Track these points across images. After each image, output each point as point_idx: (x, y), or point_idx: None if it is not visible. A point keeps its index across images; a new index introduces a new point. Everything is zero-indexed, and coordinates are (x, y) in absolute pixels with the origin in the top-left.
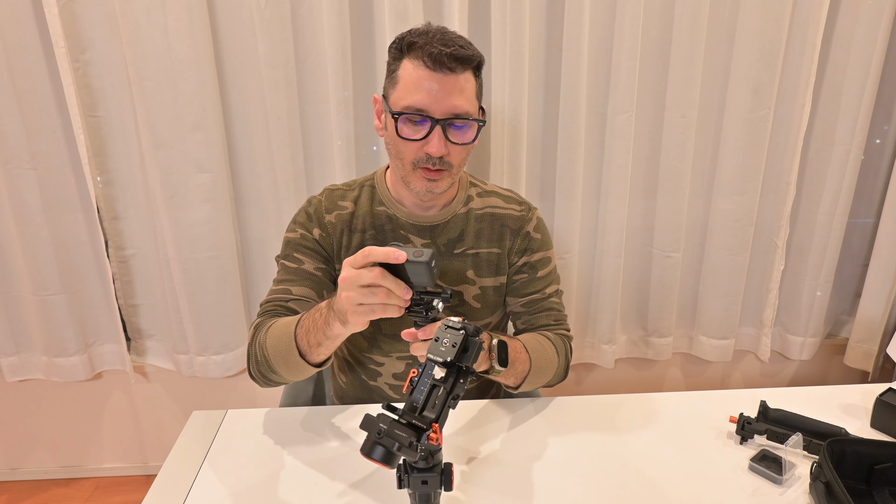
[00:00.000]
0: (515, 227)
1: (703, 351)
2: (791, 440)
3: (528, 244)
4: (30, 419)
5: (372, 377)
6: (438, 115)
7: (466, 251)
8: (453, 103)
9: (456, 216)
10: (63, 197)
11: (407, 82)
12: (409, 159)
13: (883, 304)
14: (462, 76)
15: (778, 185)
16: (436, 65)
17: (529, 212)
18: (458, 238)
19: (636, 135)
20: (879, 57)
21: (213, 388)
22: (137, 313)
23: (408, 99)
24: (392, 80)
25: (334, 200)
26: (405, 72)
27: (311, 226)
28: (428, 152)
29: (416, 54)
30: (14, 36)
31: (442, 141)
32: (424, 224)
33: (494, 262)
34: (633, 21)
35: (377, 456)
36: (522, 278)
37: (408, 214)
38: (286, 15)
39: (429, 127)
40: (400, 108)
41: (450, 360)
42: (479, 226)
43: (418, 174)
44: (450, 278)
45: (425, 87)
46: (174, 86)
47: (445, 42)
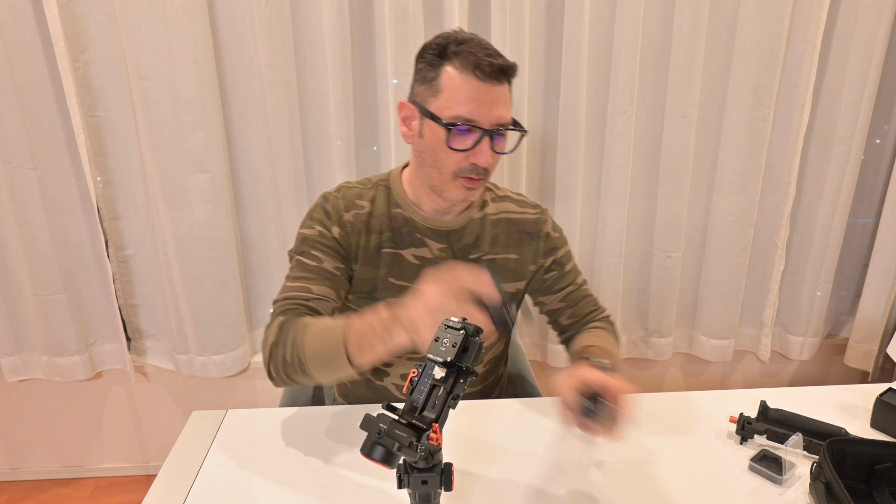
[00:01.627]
0: (533, 231)
1: (703, 351)
2: (791, 440)
3: (551, 244)
4: (30, 419)
5: (379, 377)
6: (487, 126)
7: (482, 257)
8: (499, 113)
9: (472, 221)
10: (63, 197)
11: (454, 91)
12: (450, 169)
13: (883, 304)
14: (506, 86)
15: (778, 185)
16: (485, 75)
17: (543, 213)
18: (473, 244)
19: (636, 135)
20: (879, 57)
21: (213, 388)
22: (137, 313)
23: (457, 109)
24: (432, 87)
25: (351, 199)
26: (450, 80)
27: (330, 224)
28: (476, 162)
29: (461, 63)
30: (14, 36)
31: (490, 151)
32: (441, 229)
33: (512, 269)
34: (633, 21)
35: (377, 456)
36: (553, 276)
37: (425, 218)
38: (286, 15)
39: (476, 137)
40: (449, 118)
41: (450, 360)
42: (495, 231)
43: (458, 183)
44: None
45: (476, 98)
46: (174, 86)
47: (490, 52)
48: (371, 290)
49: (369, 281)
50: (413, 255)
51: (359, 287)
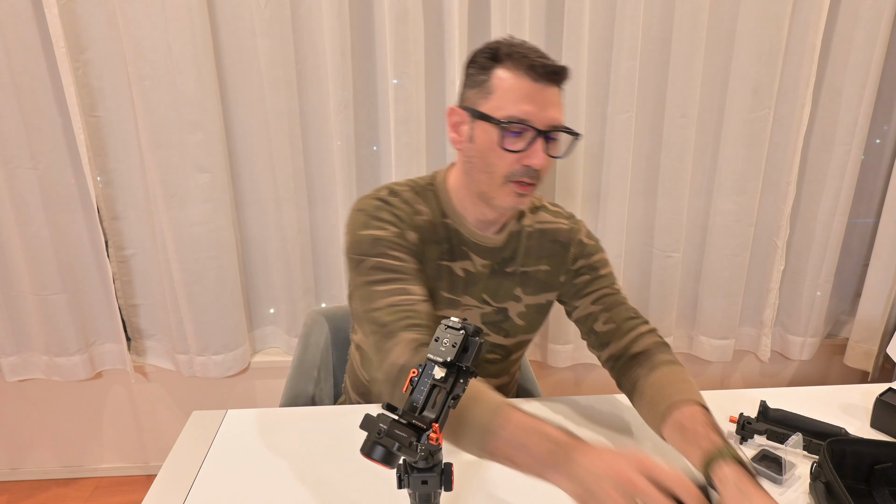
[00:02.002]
0: (566, 241)
1: (703, 351)
2: (791, 440)
3: (582, 249)
4: (30, 419)
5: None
6: (541, 127)
7: (517, 269)
8: (553, 115)
9: (511, 235)
10: (63, 197)
11: (507, 92)
12: (502, 172)
13: (883, 304)
14: (558, 89)
15: (778, 184)
16: (539, 75)
17: (577, 223)
18: (510, 257)
19: (636, 135)
20: (879, 57)
21: (213, 388)
22: (137, 313)
23: (510, 109)
24: (483, 90)
25: (412, 203)
26: (503, 81)
27: (404, 227)
28: (529, 164)
29: (515, 64)
30: (14, 36)
31: (545, 153)
32: (487, 245)
33: (543, 280)
34: (633, 21)
35: (377, 456)
36: (584, 279)
37: (471, 232)
38: (286, 15)
39: (530, 138)
40: (504, 118)
41: (450, 360)
42: (529, 243)
43: (508, 189)
44: (499, 296)
45: (529, 98)
46: (174, 86)
47: (541, 54)
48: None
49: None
50: (461, 268)
51: None
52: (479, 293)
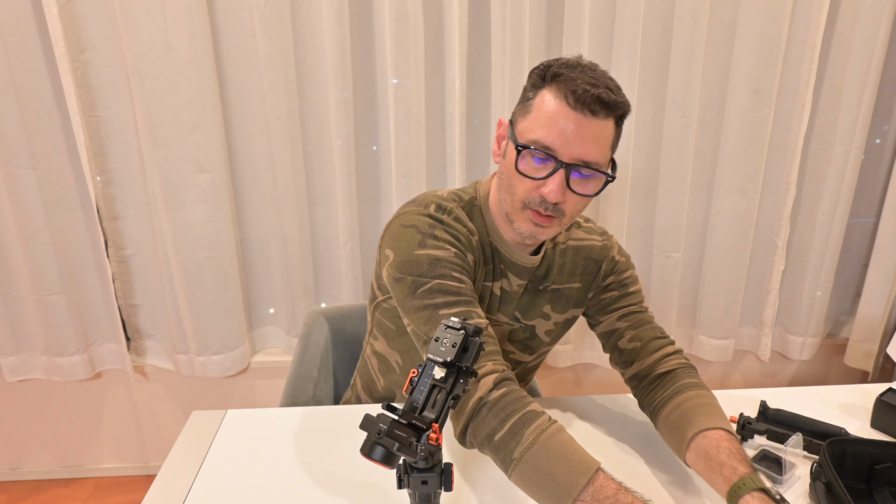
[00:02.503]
0: (599, 258)
1: (703, 351)
2: (791, 440)
3: (613, 266)
4: (30, 419)
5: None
6: (565, 158)
7: (549, 287)
8: (586, 149)
9: (546, 253)
10: (63, 197)
11: (541, 114)
12: (519, 197)
13: (883, 304)
14: (603, 122)
15: (778, 184)
16: (578, 103)
17: (609, 239)
18: (545, 275)
19: (636, 135)
20: (879, 57)
21: (213, 388)
22: (137, 313)
23: (538, 132)
24: (525, 107)
25: (464, 222)
26: (542, 102)
27: (463, 248)
28: (543, 195)
29: (559, 87)
30: (14, 36)
31: (562, 186)
32: (524, 265)
33: (573, 297)
34: (633, 21)
35: (377, 456)
36: (612, 294)
37: (510, 251)
38: (286, 15)
39: (552, 168)
40: (526, 141)
41: (450, 360)
42: (563, 260)
43: (526, 215)
44: (530, 314)
45: (560, 125)
46: (174, 86)
47: (594, 81)
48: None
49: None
50: (498, 288)
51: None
52: (511, 311)
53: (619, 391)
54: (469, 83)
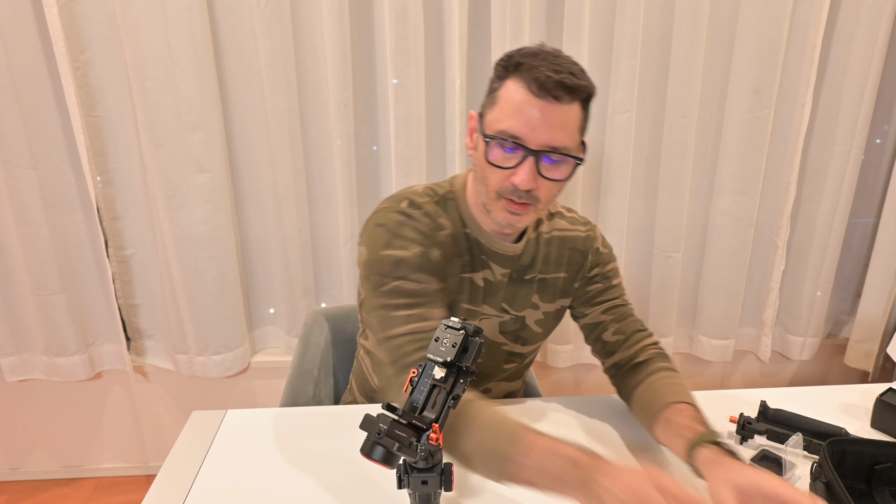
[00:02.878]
0: (584, 249)
1: (703, 351)
2: (791, 440)
3: (598, 258)
4: (30, 419)
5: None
6: (533, 146)
7: (534, 277)
8: (552, 135)
9: (529, 242)
10: (63, 197)
11: (506, 105)
12: (493, 187)
13: (883, 304)
14: (568, 107)
15: (778, 185)
16: (541, 90)
17: (594, 230)
18: (529, 265)
19: (636, 135)
20: (880, 57)
21: (213, 388)
22: (137, 313)
23: (504, 123)
24: (491, 99)
25: (434, 217)
26: (506, 93)
27: (428, 244)
28: (515, 183)
29: (521, 76)
30: (14, 36)
31: (532, 174)
32: (506, 254)
33: (559, 287)
34: (633, 21)
35: (377, 456)
36: (597, 287)
37: (490, 241)
38: (286, 15)
39: (521, 156)
40: (494, 132)
41: (450, 360)
42: (547, 250)
43: (501, 204)
44: (517, 304)
45: (525, 114)
46: (174, 86)
47: (557, 67)
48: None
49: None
50: (481, 279)
51: None
52: (498, 302)
53: None
54: (469, 83)
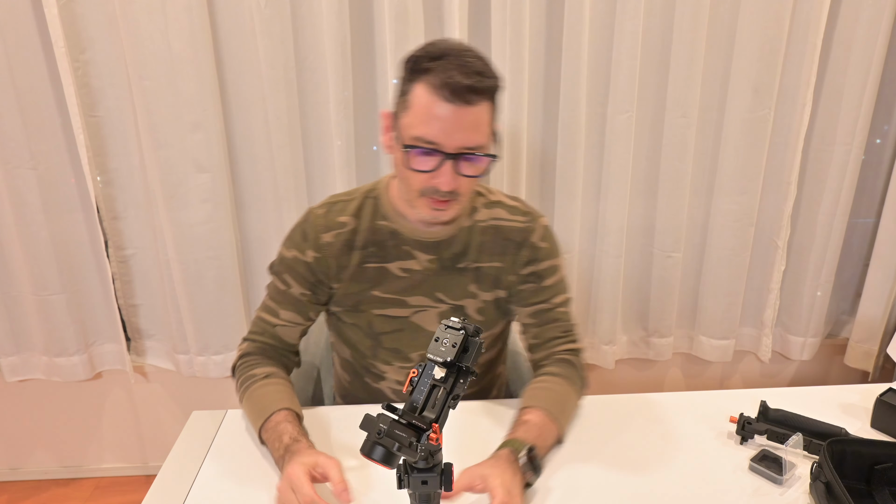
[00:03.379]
0: (520, 240)
1: (703, 351)
2: (791, 440)
3: (533, 254)
4: (30, 419)
5: (375, 381)
6: (450, 150)
7: (469, 266)
8: (467, 137)
9: (461, 230)
10: (63, 197)
11: (419, 110)
12: (415, 188)
13: (883, 304)
14: (478, 107)
15: (778, 185)
16: (452, 96)
17: (534, 221)
18: (461, 252)
19: (636, 135)
20: (880, 57)
21: (213, 388)
22: (137, 313)
23: (419, 129)
24: (404, 102)
25: (333, 216)
26: (418, 98)
27: (305, 247)
28: (436, 186)
29: (430, 81)
30: (14, 36)
31: (452, 175)
32: (430, 240)
33: (494, 276)
34: (633, 21)
35: (377, 456)
36: (529, 287)
37: (412, 230)
38: (286, 15)
39: (439, 160)
40: (411, 138)
41: (450, 360)
42: (483, 238)
43: (424, 202)
44: (453, 293)
45: (439, 119)
46: (174, 86)
47: (465, 70)
48: (356, 304)
49: (354, 295)
50: (399, 268)
51: (343, 301)
52: (430, 291)
53: (619, 391)
54: None
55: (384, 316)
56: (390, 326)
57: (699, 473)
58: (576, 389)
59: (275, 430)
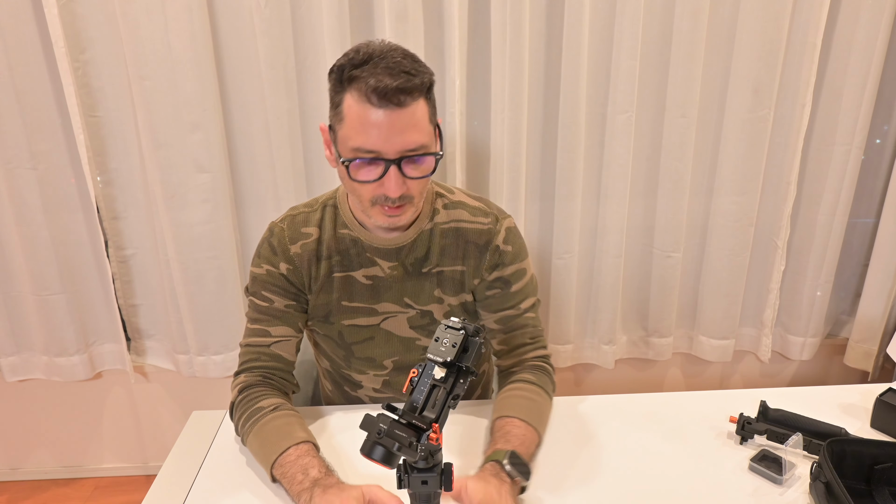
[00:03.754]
0: (482, 243)
1: (703, 351)
2: (791, 440)
3: (498, 259)
4: (30, 419)
5: (353, 389)
6: (392, 156)
7: (432, 270)
8: (407, 139)
9: (422, 233)
10: (63, 197)
11: (353, 121)
12: (366, 198)
13: (883, 304)
14: (412, 106)
15: (778, 185)
16: (382, 100)
17: (497, 223)
18: (424, 257)
19: (636, 135)
20: (880, 57)
21: (213, 388)
22: (137, 313)
23: (357, 140)
24: (337, 114)
25: (297, 228)
26: (349, 108)
27: (277, 260)
28: (385, 193)
29: (358, 88)
30: (14, 36)
31: (399, 181)
32: (390, 247)
33: (458, 280)
34: (633, 21)
35: (377, 456)
36: (496, 293)
37: (371, 238)
38: (286, 15)
39: (383, 168)
40: (349, 150)
41: (450, 360)
42: (444, 242)
43: (377, 210)
44: (420, 298)
45: (374, 126)
46: (174, 86)
47: (391, 71)
48: (326, 315)
49: (324, 306)
50: (364, 276)
51: (315, 312)
52: (398, 297)
53: (618, 391)
54: (469, 83)
55: (354, 326)
56: (360, 336)
57: (699, 473)
58: (549, 397)
59: (296, 463)
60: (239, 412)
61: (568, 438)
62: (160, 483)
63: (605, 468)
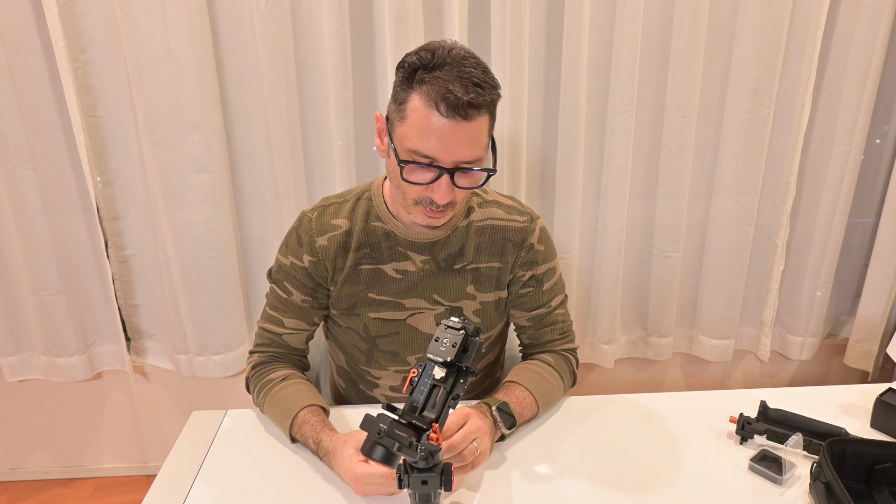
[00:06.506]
0: (518, 241)
1: (703, 351)
2: (791, 440)
3: (532, 257)
4: (30, 419)
5: (369, 388)
6: (447, 164)
7: (466, 266)
8: (465, 151)
9: (456, 230)
10: (63, 197)
11: (415, 122)
12: (411, 197)
13: (883, 304)
14: (478, 121)
15: (778, 185)
16: (450, 111)
17: (532, 222)
18: (458, 253)
19: (636, 135)
20: (879, 57)
21: (213, 388)
22: (137, 313)
23: (416, 143)
24: (400, 111)
25: (327, 219)
26: (415, 110)
27: (301, 252)
28: (432, 198)
29: (427, 92)
30: (14, 36)
31: (449, 188)
32: (424, 241)
33: (495, 277)
34: (633, 21)
35: (377, 456)
36: (529, 292)
37: (406, 231)
38: (286, 15)
39: (435, 174)
40: (406, 150)
41: (450, 360)
42: (480, 239)
43: (420, 209)
44: (450, 294)
45: (437, 134)
46: (174, 86)
47: (464, 83)
48: (351, 307)
49: (349, 297)
50: (394, 270)
51: (339, 304)
52: (427, 294)
53: (619, 391)
54: None
55: (380, 319)
56: (386, 329)
57: (699, 473)
58: (563, 383)
59: (300, 430)
60: (252, 385)
61: (568, 438)
62: (160, 483)
63: (605, 468)
